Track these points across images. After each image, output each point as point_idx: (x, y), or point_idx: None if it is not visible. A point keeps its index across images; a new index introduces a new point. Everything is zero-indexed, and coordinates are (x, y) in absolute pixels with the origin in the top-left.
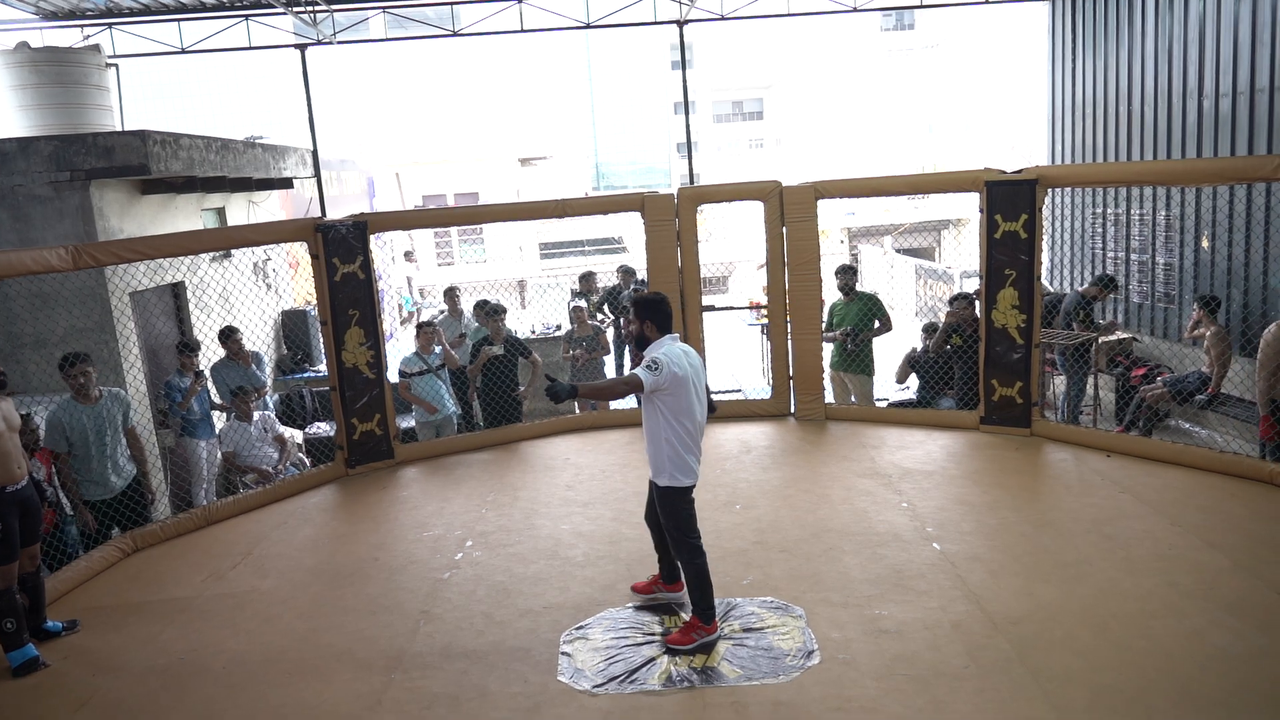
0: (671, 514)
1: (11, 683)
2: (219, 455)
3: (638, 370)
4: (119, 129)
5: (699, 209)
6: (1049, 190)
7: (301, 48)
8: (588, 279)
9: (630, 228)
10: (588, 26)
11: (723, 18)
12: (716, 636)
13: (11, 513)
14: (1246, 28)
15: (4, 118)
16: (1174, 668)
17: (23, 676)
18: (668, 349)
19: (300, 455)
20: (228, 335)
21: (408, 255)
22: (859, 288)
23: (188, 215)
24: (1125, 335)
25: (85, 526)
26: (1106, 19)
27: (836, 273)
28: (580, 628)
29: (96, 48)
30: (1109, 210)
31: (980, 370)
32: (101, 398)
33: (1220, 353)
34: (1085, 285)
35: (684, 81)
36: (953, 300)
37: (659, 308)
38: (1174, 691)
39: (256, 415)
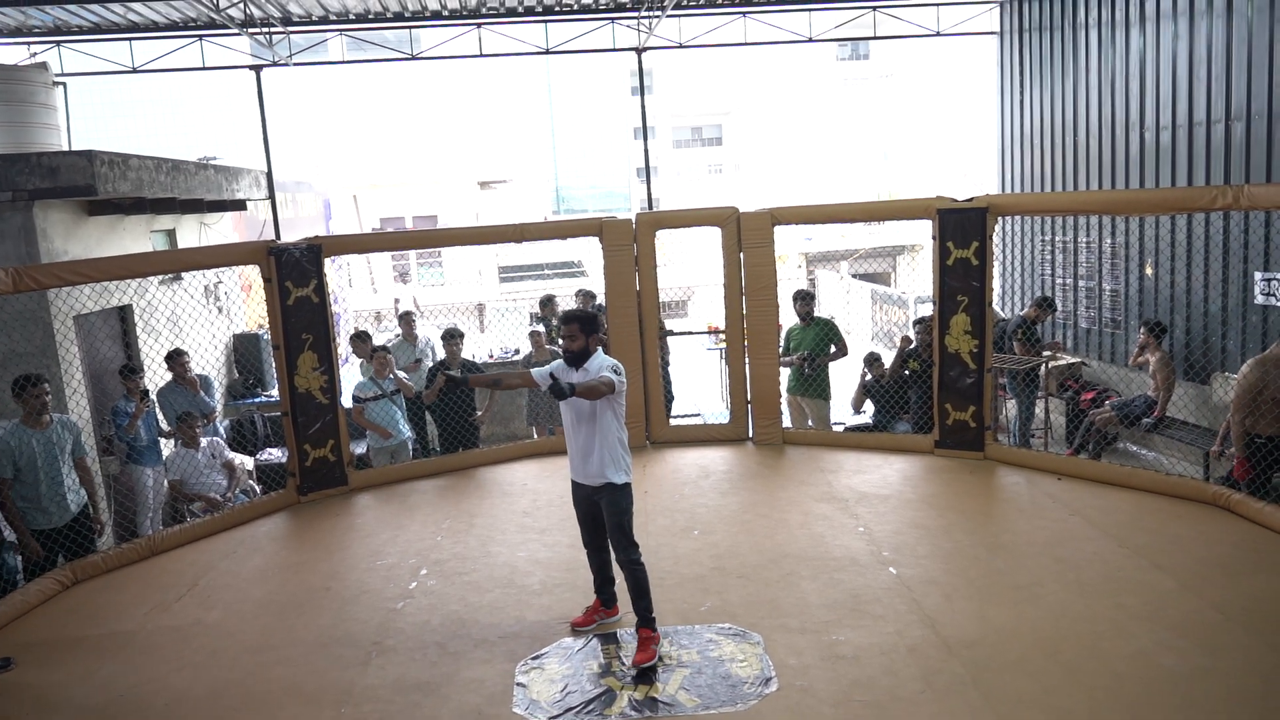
0: (624, 512)
1: None
2: (165, 483)
3: (607, 374)
4: (66, 149)
5: (657, 234)
6: (999, 218)
7: (257, 69)
8: (548, 304)
9: (590, 252)
10: (547, 52)
11: (681, 46)
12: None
13: None
14: (1184, 63)
15: None
16: (1122, 688)
17: None
18: (609, 359)
19: (251, 482)
20: (174, 358)
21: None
22: (815, 313)
23: (136, 237)
24: (1074, 360)
25: (32, 555)
26: (1052, 52)
27: (794, 298)
28: (536, 658)
29: (44, 65)
30: (1057, 238)
31: (934, 395)
32: (52, 423)
33: (1165, 377)
34: (1026, 309)
35: (643, 107)
36: (916, 324)
37: (599, 323)
38: (1123, 712)
39: (204, 441)
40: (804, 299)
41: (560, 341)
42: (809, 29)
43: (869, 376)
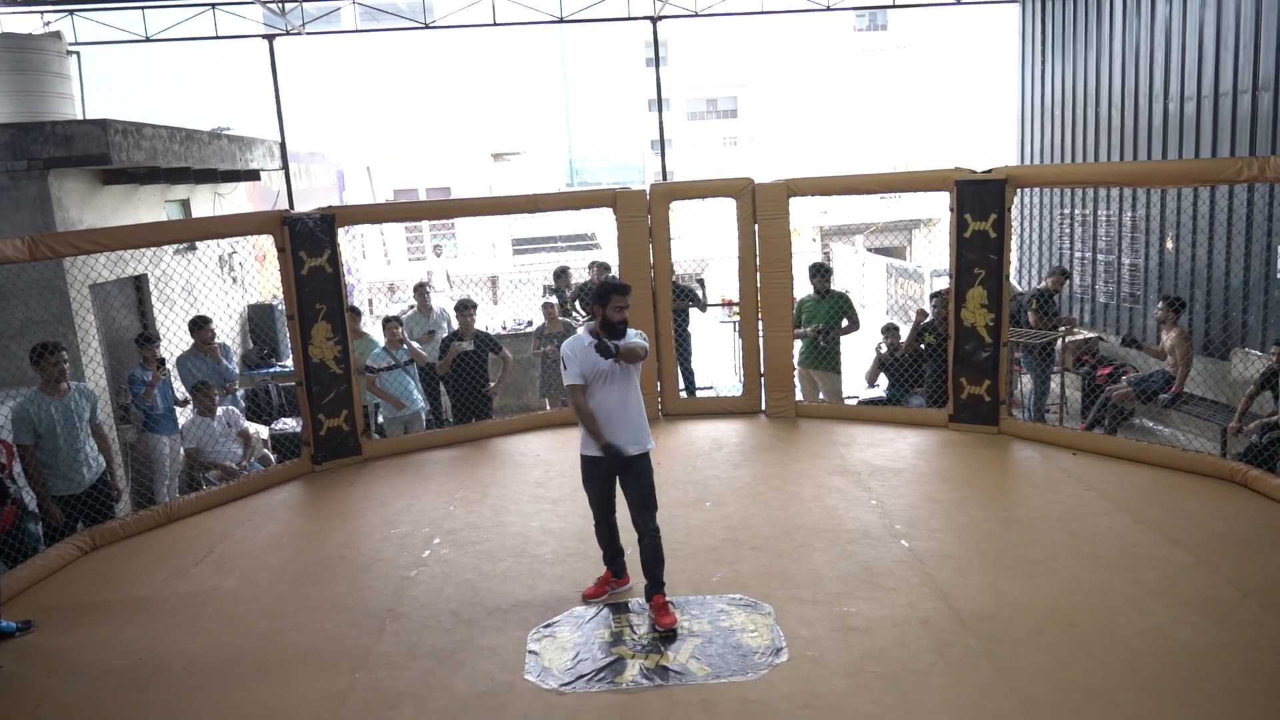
0: (650, 477)
1: None
2: (182, 451)
3: (642, 340)
4: (80, 118)
5: (671, 205)
6: (1018, 190)
7: (269, 38)
8: (562, 275)
9: (603, 224)
10: (561, 21)
11: (696, 14)
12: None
13: None
14: (1211, 32)
15: None
16: (1136, 662)
17: None
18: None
19: (266, 451)
20: (199, 325)
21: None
22: (831, 287)
23: (150, 207)
24: (1091, 335)
25: (53, 521)
26: (1075, 22)
27: (811, 271)
28: (548, 626)
29: (57, 34)
30: (1076, 211)
31: (949, 369)
32: (70, 391)
33: (1184, 353)
34: (1042, 281)
35: (658, 78)
36: (933, 297)
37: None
38: (1136, 685)
39: (220, 410)
40: (821, 272)
41: (571, 315)
42: None
43: (884, 348)
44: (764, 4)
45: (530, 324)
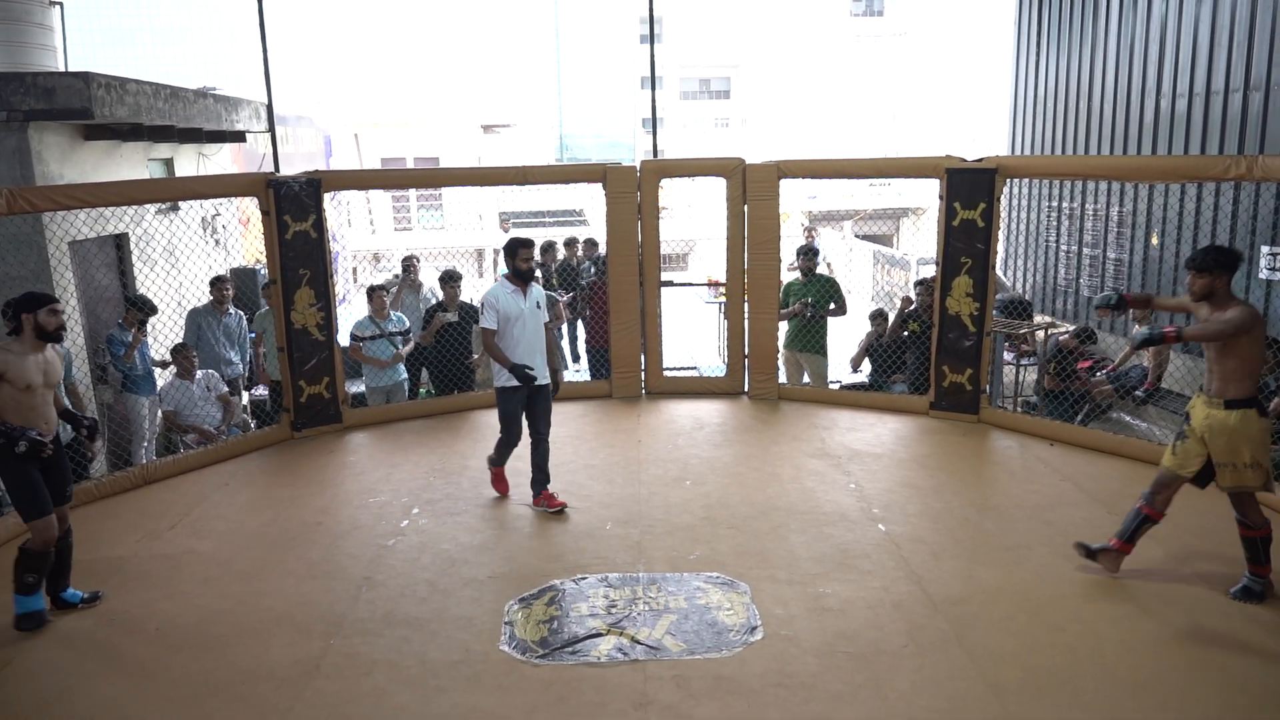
0: (550, 400)
1: None
2: (159, 413)
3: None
4: (61, 70)
5: (661, 183)
6: (1007, 181)
7: None
8: (549, 250)
9: (592, 200)
10: None
11: None
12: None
13: (34, 466)
14: (1206, 30)
15: None
16: (1103, 649)
17: (23, 629)
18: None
19: (245, 417)
20: (218, 283)
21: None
22: (818, 270)
23: (133, 164)
24: (1073, 328)
25: None
26: (1071, 15)
27: (798, 252)
28: (524, 599)
29: None
30: (1064, 204)
31: (932, 356)
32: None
33: (1157, 349)
34: (1064, 335)
35: (651, 55)
36: (917, 284)
37: None
38: (1101, 673)
39: (199, 374)
40: (807, 254)
41: (516, 263)
42: None
43: (873, 332)
44: None
45: None
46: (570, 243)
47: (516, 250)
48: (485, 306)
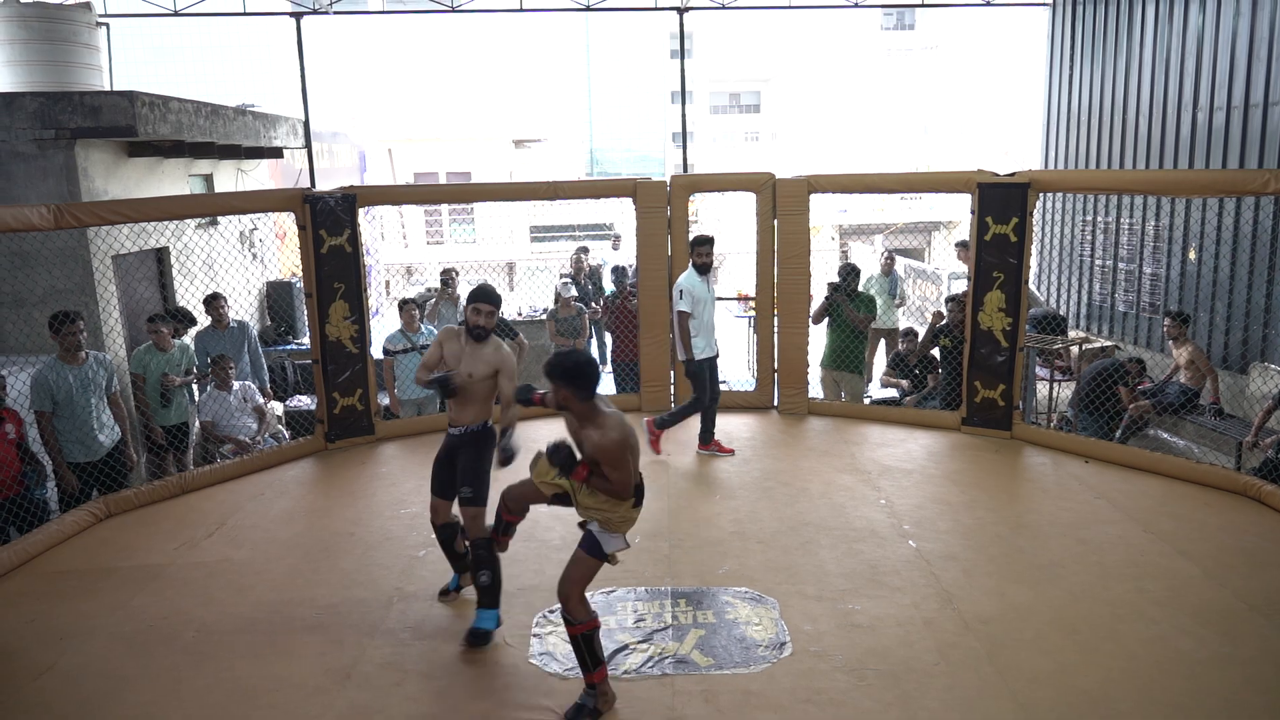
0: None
1: None
2: (197, 424)
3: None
4: (107, 89)
5: (691, 197)
6: (1040, 195)
7: (297, 16)
8: (578, 259)
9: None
10: (588, 9)
11: (724, 6)
12: None
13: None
14: (1244, 43)
15: None
16: (1138, 670)
17: (476, 644)
18: None
19: (280, 427)
20: (212, 301)
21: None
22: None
23: (174, 180)
24: (1108, 343)
25: (68, 488)
26: (1106, 27)
27: (847, 272)
28: (553, 611)
29: (87, 5)
30: (1099, 218)
31: (964, 372)
32: (87, 359)
33: (1206, 363)
34: (1127, 359)
35: (682, 70)
36: (949, 300)
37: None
38: (1137, 694)
39: (236, 385)
40: (852, 274)
41: (467, 314)
42: None
43: (902, 348)
44: None
45: (545, 311)
46: (583, 250)
47: (695, 247)
48: (680, 293)
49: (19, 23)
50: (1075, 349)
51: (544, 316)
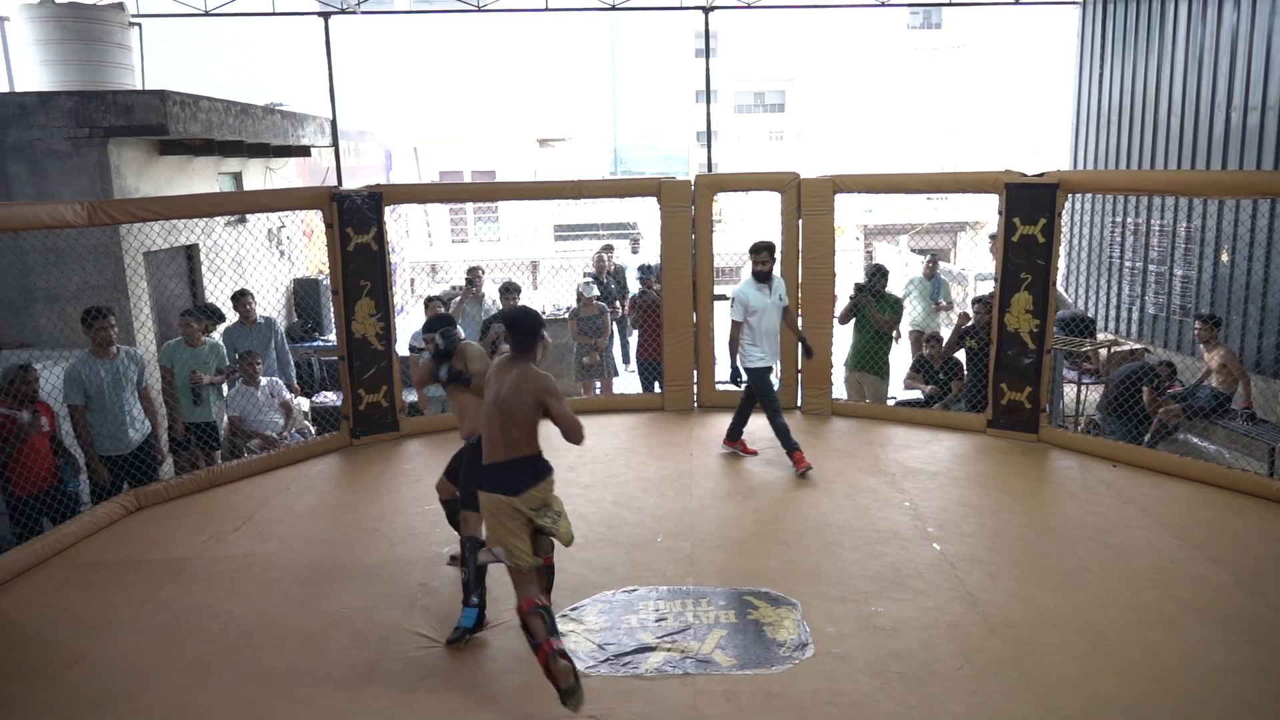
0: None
1: (3, 638)
2: (225, 418)
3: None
4: (139, 88)
5: (715, 197)
6: (1069, 195)
7: (325, 15)
8: (600, 259)
9: (645, 214)
10: (613, 8)
11: (750, 5)
12: None
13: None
14: (1279, 41)
15: (26, 72)
16: (1169, 679)
17: (452, 641)
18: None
19: (306, 423)
20: (239, 298)
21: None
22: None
23: (204, 178)
24: (1137, 346)
25: (100, 480)
26: (1137, 25)
27: (874, 272)
28: (575, 609)
29: (120, 5)
30: (1129, 219)
31: (990, 373)
32: (118, 354)
33: (1239, 370)
34: (1157, 362)
35: (707, 69)
36: (975, 301)
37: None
38: (1167, 703)
39: (264, 381)
40: (879, 274)
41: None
42: None
43: (926, 352)
44: None
45: (569, 309)
46: (607, 249)
47: (752, 255)
48: (734, 301)
49: (54, 23)
50: (1104, 352)
51: (566, 315)
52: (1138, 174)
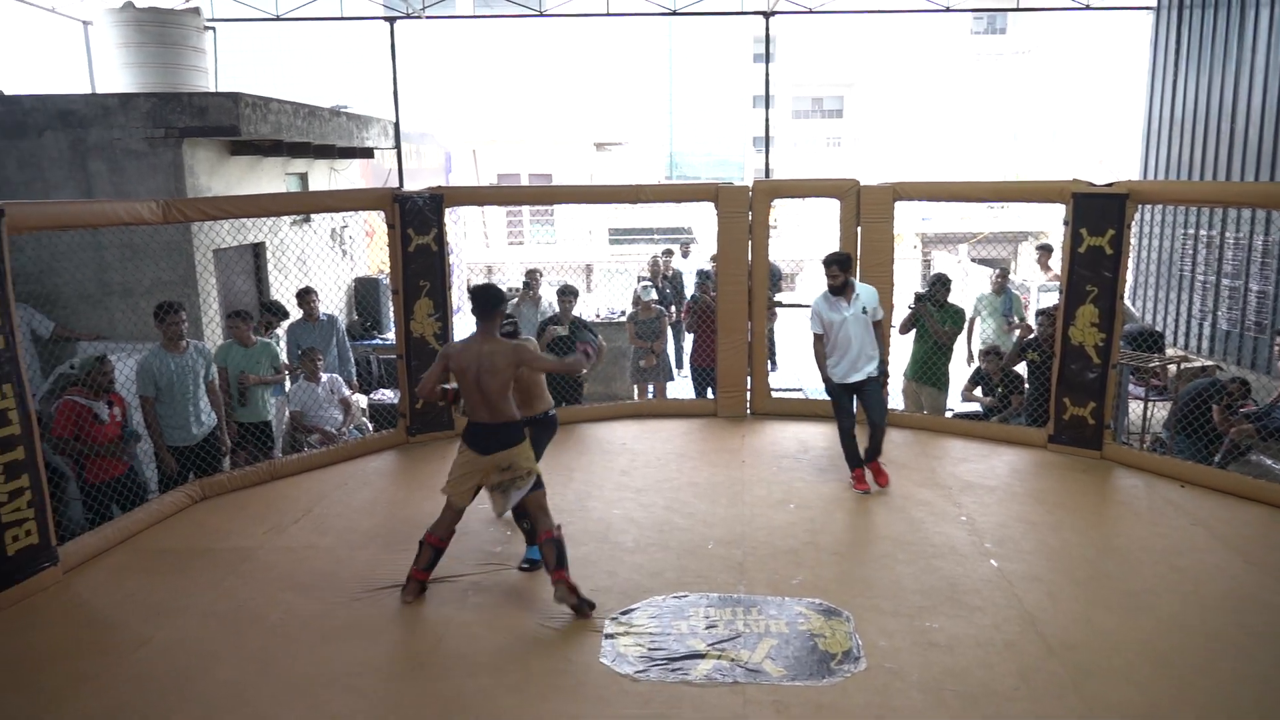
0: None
1: (75, 619)
2: (286, 413)
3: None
4: (213, 90)
5: (773, 203)
6: (1138, 206)
7: (391, 20)
8: (656, 262)
9: (700, 218)
10: (674, 14)
11: (811, 11)
12: None
13: None
14: None
15: (108, 74)
16: (1236, 710)
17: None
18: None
19: (364, 420)
20: (304, 296)
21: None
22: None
23: (272, 178)
24: (1208, 363)
25: (167, 470)
26: (1215, 32)
27: (936, 282)
28: (625, 613)
29: (196, 10)
30: (1201, 232)
31: (1052, 388)
32: (187, 348)
33: None
34: (1230, 379)
35: (766, 74)
36: (1039, 314)
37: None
38: None
39: (324, 377)
40: (942, 283)
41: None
42: None
43: (984, 366)
44: (881, 3)
45: (623, 313)
46: (666, 253)
47: (825, 268)
48: (811, 316)
49: (134, 27)
50: (1172, 368)
51: (621, 318)
52: (1213, 185)
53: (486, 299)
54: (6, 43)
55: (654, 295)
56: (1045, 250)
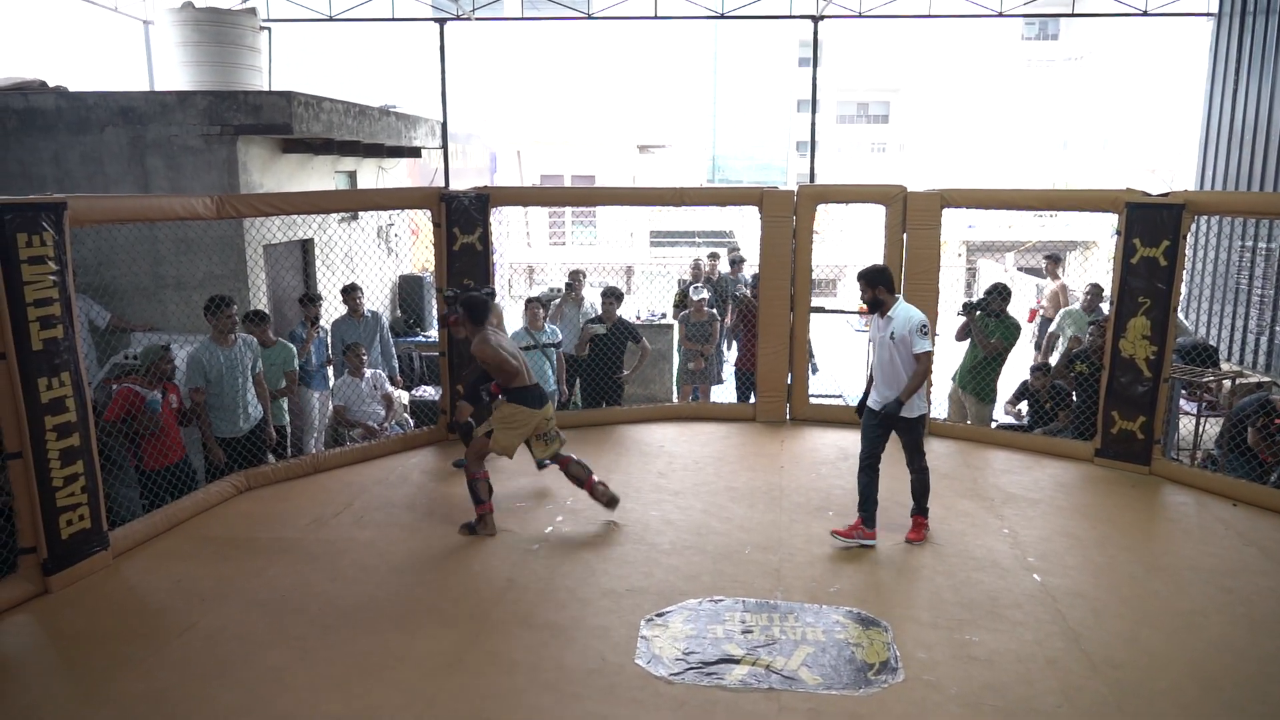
0: (918, 435)
1: (123, 603)
2: (330, 407)
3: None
4: (267, 89)
5: (818, 208)
6: (1195, 217)
7: (441, 22)
8: (698, 266)
9: (742, 222)
10: (721, 17)
11: (860, 15)
12: None
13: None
14: None
15: (168, 72)
16: None
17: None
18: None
19: (405, 415)
20: (349, 292)
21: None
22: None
23: (322, 176)
24: (1265, 379)
25: (215, 460)
26: (1278, 39)
27: (993, 291)
28: (661, 614)
29: (253, 11)
30: (1259, 244)
31: (1100, 400)
32: (236, 342)
33: None
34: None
35: (814, 78)
36: (1089, 324)
37: (884, 275)
38: None
39: (368, 373)
40: (1001, 294)
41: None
42: (999, 3)
43: (1032, 382)
44: (931, 8)
45: (664, 315)
46: (713, 256)
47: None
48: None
49: (193, 26)
50: (1226, 383)
51: (662, 320)
52: (1273, 196)
53: (478, 305)
54: (71, 41)
55: (705, 295)
56: (1054, 260)
